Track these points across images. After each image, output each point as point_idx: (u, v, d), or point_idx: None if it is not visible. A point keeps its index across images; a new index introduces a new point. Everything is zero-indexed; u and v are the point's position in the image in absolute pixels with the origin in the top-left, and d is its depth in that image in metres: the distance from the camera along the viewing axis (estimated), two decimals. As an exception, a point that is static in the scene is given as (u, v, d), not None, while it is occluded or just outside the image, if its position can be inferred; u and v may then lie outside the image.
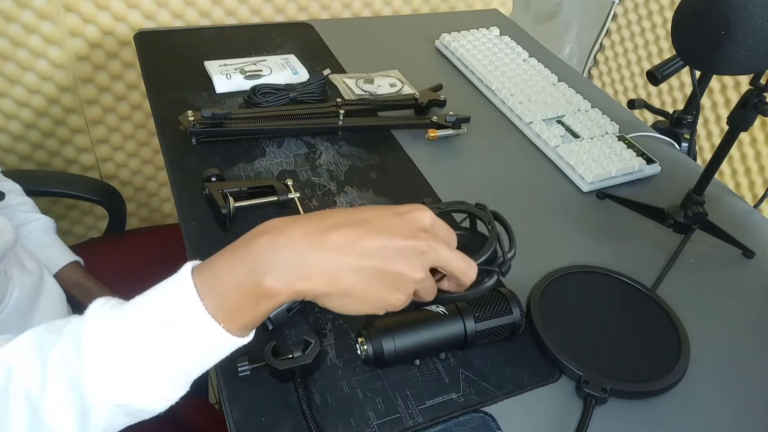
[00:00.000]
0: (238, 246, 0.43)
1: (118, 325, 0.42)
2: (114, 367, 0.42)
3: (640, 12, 1.90)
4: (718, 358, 0.66)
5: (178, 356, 0.43)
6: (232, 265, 0.42)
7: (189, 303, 0.41)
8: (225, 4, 1.32)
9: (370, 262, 0.42)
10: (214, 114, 0.84)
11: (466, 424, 0.57)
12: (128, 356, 0.42)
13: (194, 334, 0.42)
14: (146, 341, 0.42)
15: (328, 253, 0.42)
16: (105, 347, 0.42)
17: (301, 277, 0.42)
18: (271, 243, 0.42)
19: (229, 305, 0.42)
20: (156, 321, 0.42)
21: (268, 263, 0.41)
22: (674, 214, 0.78)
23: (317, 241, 0.42)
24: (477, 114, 0.99)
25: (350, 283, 0.43)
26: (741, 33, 0.57)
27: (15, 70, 1.23)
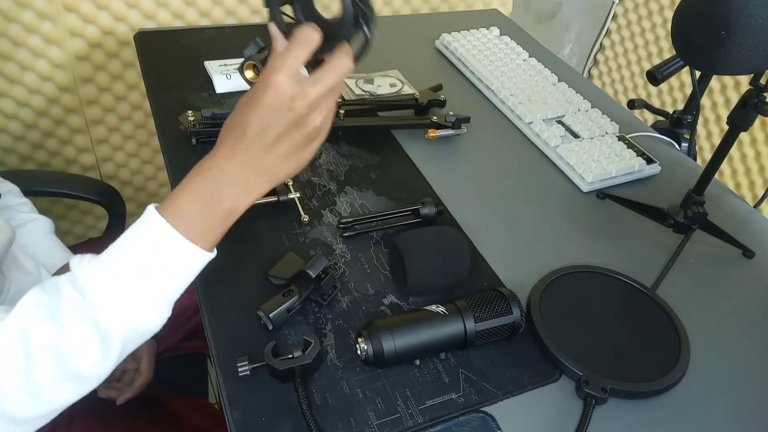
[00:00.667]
0: (189, 184, 0.52)
1: (110, 267, 0.50)
2: (120, 298, 0.49)
3: (640, 12, 1.90)
4: (718, 358, 0.66)
5: (166, 279, 0.51)
6: (191, 199, 0.51)
7: (167, 235, 0.50)
8: (225, 4, 1.32)
9: (283, 150, 0.51)
10: (214, 114, 0.84)
11: (466, 424, 0.57)
12: (127, 288, 0.50)
13: (177, 258, 0.51)
14: (139, 272, 0.50)
15: (252, 165, 0.51)
16: (107, 284, 0.49)
17: (252, 191, 0.52)
18: (213, 177, 0.51)
19: (200, 228, 0.51)
20: (143, 255, 0.50)
21: (222, 193, 0.51)
22: (674, 214, 0.78)
23: (237, 161, 0.51)
24: (477, 114, 0.99)
25: (285, 171, 0.53)
26: (741, 33, 0.57)
27: (15, 70, 1.23)
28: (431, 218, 0.77)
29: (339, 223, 0.75)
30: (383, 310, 0.67)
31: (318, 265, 0.64)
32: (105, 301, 0.49)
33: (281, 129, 0.50)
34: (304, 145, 0.52)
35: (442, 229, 0.71)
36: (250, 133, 0.50)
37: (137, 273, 0.50)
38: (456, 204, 0.82)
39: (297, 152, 0.52)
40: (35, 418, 0.50)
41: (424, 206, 0.76)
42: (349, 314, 0.66)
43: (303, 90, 0.49)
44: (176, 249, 0.51)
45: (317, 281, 0.64)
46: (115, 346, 0.51)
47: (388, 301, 0.68)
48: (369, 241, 0.76)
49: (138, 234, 0.51)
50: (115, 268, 0.50)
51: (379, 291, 0.69)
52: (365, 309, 0.67)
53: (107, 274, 0.50)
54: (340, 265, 0.72)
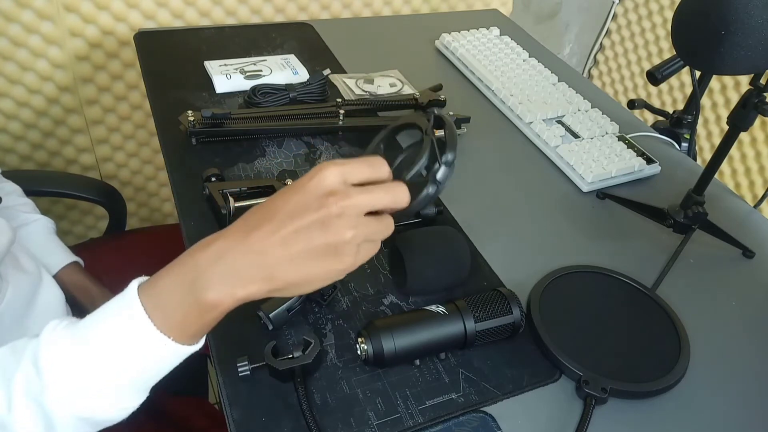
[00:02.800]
0: (179, 263, 0.45)
1: (74, 346, 0.45)
2: (73, 384, 0.45)
3: (640, 12, 1.90)
4: (718, 358, 0.66)
5: (132, 369, 0.46)
6: (174, 283, 0.44)
7: (138, 321, 0.44)
8: (225, 4, 1.32)
9: (294, 248, 0.43)
10: (214, 114, 0.84)
11: (466, 424, 0.57)
12: (85, 373, 0.45)
13: (146, 349, 0.45)
14: (101, 358, 0.45)
15: (255, 256, 0.43)
16: (62, 366, 0.44)
17: (239, 285, 0.44)
18: (205, 258, 0.44)
19: (175, 320, 0.44)
20: (109, 339, 0.45)
21: (206, 278, 0.43)
22: (674, 214, 0.78)
23: (242, 247, 0.43)
24: (477, 114, 0.99)
25: (287, 275, 0.44)
26: (741, 33, 0.57)
27: (15, 70, 1.23)
28: (431, 218, 0.77)
29: (339, 223, 0.75)
30: (383, 310, 0.67)
31: (318, 265, 0.64)
32: (56, 385, 0.44)
33: (302, 222, 0.43)
34: (321, 255, 0.43)
35: (442, 229, 0.71)
36: (271, 218, 0.44)
37: (100, 357, 0.44)
38: (456, 204, 0.82)
39: (308, 259, 0.43)
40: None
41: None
42: (349, 314, 0.66)
43: (346, 189, 0.43)
44: (146, 339, 0.44)
45: (317, 281, 0.64)
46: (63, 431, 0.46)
47: (388, 301, 0.68)
48: (369, 241, 0.75)
49: (111, 313, 0.46)
50: (79, 347, 0.45)
51: (379, 291, 0.69)
52: (365, 309, 0.67)
53: (68, 353, 0.45)
54: (340, 265, 0.72)
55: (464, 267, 0.68)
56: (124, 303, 0.45)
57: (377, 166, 0.46)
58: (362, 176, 0.45)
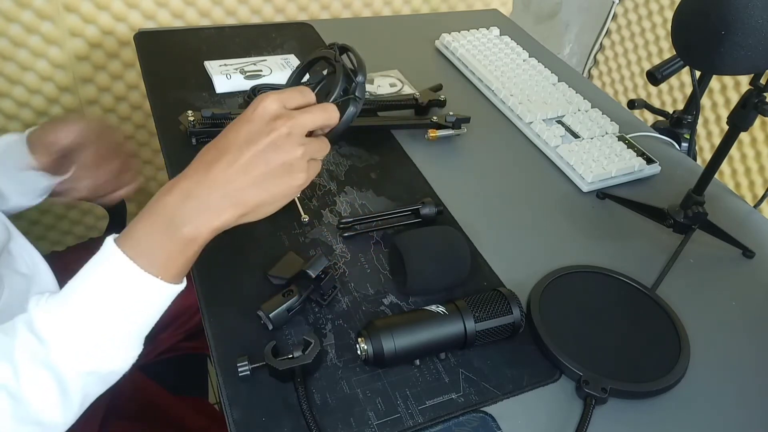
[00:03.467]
0: (149, 210, 0.49)
1: (67, 308, 0.47)
2: (76, 341, 0.47)
3: (640, 12, 1.90)
4: (718, 358, 0.66)
5: (128, 316, 0.48)
6: (150, 228, 0.48)
7: (125, 270, 0.47)
8: (225, 4, 1.32)
9: (255, 172, 0.48)
10: (214, 114, 0.84)
11: (466, 424, 0.57)
12: (85, 329, 0.47)
13: (138, 294, 0.48)
14: (95, 312, 0.47)
15: (221, 186, 0.48)
16: (60, 326, 0.47)
17: (213, 216, 0.48)
18: (175, 199, 0.48)
19: (160, 260, 0.48)
20: (99, 292, 0.47)
21: (180, 216, 0.47)
22: (674, 214, 0.78)
23: (207, 181, 0.48)
24: (477, 114, 0.99)
25: (253, 198, 0.48)
26: (741, 33, 0.57)
27: (15, 70, 1.23)
28: (431, 218, 0.77)
29: (339, 223, 0.75)
30: (383, 310, 0.67)
31: (318, 265, 0.64)
32: (59, 345, 0.46)
33: (258, 147, 0.48)
34: (278, 174, 0.48)
35: (442, 229, 0.71)
36: (227, 150, 0.48)
37: (94, 312, 0.47)
38: (456, 204, 0.82)
39: (269, 180, 0.48)
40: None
41: (424, 206, 0.76)
42: (349, 314, 0.66)
43: (288, 112, 0.49)
44: (135, 283, 0.47)
45: (317, 281, 0.64)
46: (75, 391, 0.48)
47: (388, 301, 0.68)
48: (369, 241, 0.76)
49: (95, 269, 0.48)
50: (71, 308, 0.47)
51: (379, 291, 0.69)
52: (365, 309, 0.67)
53: (62, 315, 0.47)
54: (340, 265, 0.72)
55: (464, 267, 0.68)
56: (105, 256, 0.48)
57: (306, 93, 0.52)
58: (297, 101, 0.51)
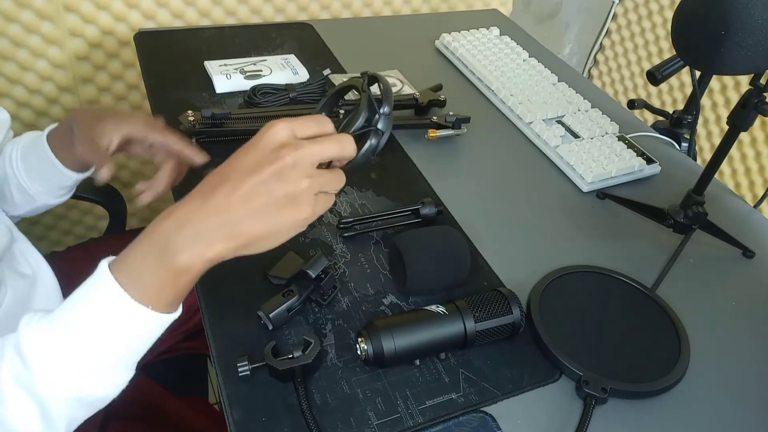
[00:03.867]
0: (145, 235, 0.46)
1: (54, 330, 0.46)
2: (59, 366, 0.45)
3: (640, 12, 1.90)
4: (718, 358, 0.66)
5: (117, 345, 0.47)
6: (143, 254, 0.46)
7: (115, 297, 0.45)
8: (225, 4, 1.32)
9: (255, 203, 0.45)
10: (214, 114, 0.84)
11: (466, 424, 0.57)
12: (69, 354, 0.46)
13: (127, 323, 0.46)
14: (83, 338, 0.46)
15: (217, 215, 0.45)
16: (46, 350, 0.45)
17: (206, 246, 0.45)
18: (171, 225, 0.45)
19: (152, 289, 0.45)
20: (88, 318, 0.46)
21: (174, 244, 0.45)
22: (674, 214, 0.78)
23: (205, 209, 0.45)
24: (477, 114, 0.99)
25: (251, 230, 0.45)
26: (741, 33, 0.57)
27: (15, 70, 1.23)
28: (431, 218, 0.77)
29: (339, 223, 0.75)
30: (383, 310, 0.67)
31: (318, 265, 0.64)
32: (44, 369, 0.45)
33: (261, 177, 0.44)
34: (281, 206, 0.45)
35: (442, 229, 0.71)
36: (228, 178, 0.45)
37: (82, 338, 0.45)
38: (456, 204, 0.82)
39: (270, 212, 0.45)
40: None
41: (424, 206, 0.76)
42: (349, 314, 0.66)
43: (296, 141, 0.46)
44: (125, 312, 0.45)
45: (317, 281, 0.64)
46: (59, 416, 0.47)
47: (388, 301, 0.68)
48: (369, 241, 0.76)
49: (86, 295, 0.47)
50: (59, 332, 0.46)
51: (379, 291, 0.69)
52: (365, 309, 0.67)
53: (49, 339, 0.45)
54: (340, 265, 0.72)
55: (464, 267, 0.68)
56: (98, 281, 0.46)
57: (322, 122, 0.49)
58: (309, 131, 0.48)
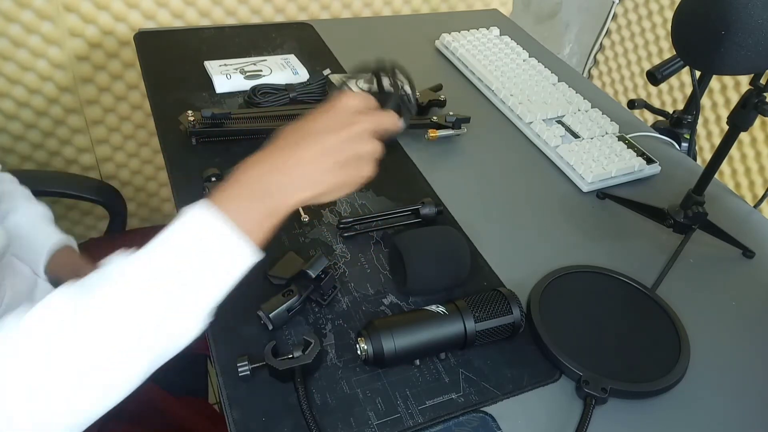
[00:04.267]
0: (235, 182, 0.51)
1: (153, 262, 0.47)
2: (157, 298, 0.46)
3: (640, 12, 1.90)
4: (718, 358, 0.66)
5: (210, 275, 0.48)
6: (240, 195, 0.50)
7: (218, 226, 0.48)
8: (225, 4, 1.32)
9: (335, 158, 0.52)
10: (214, 114, 0.84)
11: (466, 424, 0.57)
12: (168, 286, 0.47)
13: (226, 252, 0.48)
14: (181, 265, 0.47)
15: (305, 166, 0.51)
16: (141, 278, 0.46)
17: (295, 191, 0.51)
18: (263, 171, 0.51)
19: (250, 223, 0.49)
20: (190, 248, 0.48)
21: (267, 186, 0.50)
22: (674, 214, 0.78)
23: (293, 159, 0.51)
24: (477, 114, 0.99)
25: (330, 180, 0.52)
26: (741, 33, 0.57)
27: (15, 70, 1.23)
28: (431, 218, 0.77)
29: (339, 223, 0.75)
30: (383, 310, 0.67)
31: (318, 265, 0.64)
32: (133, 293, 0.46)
33: (340, 136, 0.52)
34: (351, 164, 0.53)
35: (442, 229, 0.71)
36: (311, 134, 0.52)
37: (178, 264, 0.47)
38: (456, 204, 0.82)
39: (345, 166, 0.52)
40: None
41: (424, 206, 0.76)
42: (349, 314, 0.66)
43: (366, 110, 0.55)
44: (225, 239, 0.48)
45: (317, 281, 0.64)
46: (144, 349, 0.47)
47: (388, 301, 0.68)
48: (369, 241, 0.76)
49: (186, 223, 0.48)
50: (159, 263, 0.47)
51: (379, 291, 0.69)
52: (365, 309, 0.67)
53: (144, 265, 0.47)
54: (340, 265, 0.72)
55: (464, 267, 0.68)
56: (200, 215, 0.48)
57: (371, 99, 0.57)
58: (370, 105, 0.56)
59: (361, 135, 0.53)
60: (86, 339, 0.45)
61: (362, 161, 0.53)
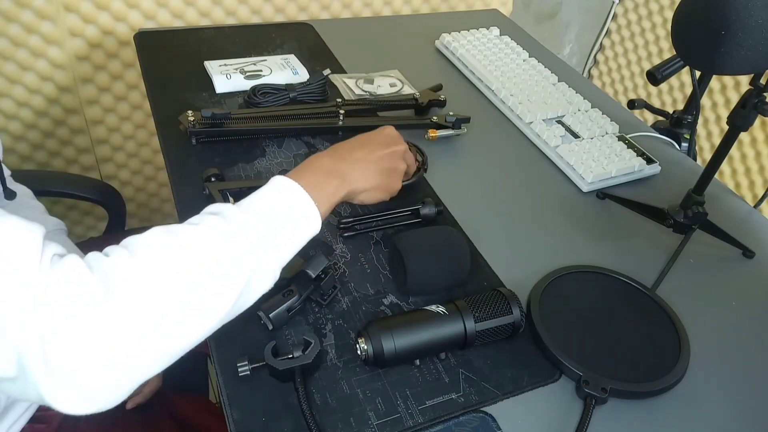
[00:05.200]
0: (311, 165, 0.62)
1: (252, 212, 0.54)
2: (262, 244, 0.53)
3: (640, 12, 1.90)
4: (718, 358, 0.66)
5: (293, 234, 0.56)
6: (314, 173, 0.60)
7: (301, 197, 0.57)
8: (225, 4, 1.32)
9: (381, 166, 0.66)
10: (214, 114, 0.84)
11: (466, 424, 0.57)
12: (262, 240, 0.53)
13: (301, 218, 0.57)
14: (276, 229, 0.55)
15: (362, 164, 0.65)
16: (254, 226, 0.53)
17: (354, 180, 0.63)
18: (330, 161, 0.63)
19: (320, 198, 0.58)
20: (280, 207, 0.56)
21: (336, 170, 0.62)
22: (674, 214, 0.78)
23: (352, 157, 0.65)
24: (477, 114, 0.99)
25: (375, 180, 0.66)
26: (741, 33, 0.57)
27: (15, 70, 1.23)
28: (431, 218, 0.77)
29: (339, 223, 0.75)
30: (383, 310, 0.67)
31: (318, 265, 0.64)
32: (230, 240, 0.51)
33: (387, 151, 0.67)
34: (389, 174, 0.67)
35: (442, 229, 0.71)
36: (366, 145, 0.67)
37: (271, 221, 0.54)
38: (456, 204, 0.82)
39: (384, 175, 0.67)
40: None
41: (424, 206, 0.76)
42: (349, 314, 0.66)
43: (402, 141, 0.71)
44: (301, 204, 0.57)
45: (317, 281, 0.64)
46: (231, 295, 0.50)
47: (388, 301, 0.68)
48: (369, 241, 0.76)
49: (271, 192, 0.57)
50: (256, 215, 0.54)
51: (379, 291, 0.69)
52: (365, 309, 0.67)
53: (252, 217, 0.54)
54: (340, 265, 0.72)
55: (464, 267, 0.68)
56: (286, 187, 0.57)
57: None
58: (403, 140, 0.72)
59: (401, 155, 0.69)
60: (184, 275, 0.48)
61: (397, 174, 0.69)
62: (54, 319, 0.41)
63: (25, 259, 0.42)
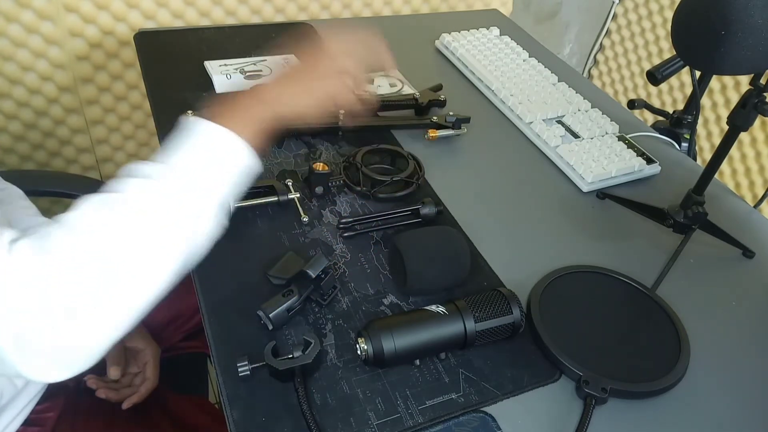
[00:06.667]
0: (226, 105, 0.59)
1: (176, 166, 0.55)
2: None
3: (640, 12, 1.90)
4: (718, 358, 0.66)
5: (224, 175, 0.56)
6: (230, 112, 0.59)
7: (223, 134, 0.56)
8: (225, 4, 1.32)
9: (304, 73, 0.66)
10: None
11: (466, 424, 0.57)
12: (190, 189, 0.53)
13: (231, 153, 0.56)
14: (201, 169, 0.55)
15: (279, 82, 0.65)
16: None
17: (272, 98, 0.62)
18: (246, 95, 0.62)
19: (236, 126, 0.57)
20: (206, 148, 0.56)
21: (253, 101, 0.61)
22: (674, 214, 0.78)
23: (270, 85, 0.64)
24: (477, 114, 0.99)
25: (300, 86, 0.65)
26: (741, 33, 0.57)
27: (15, 70, 1.23)
28: (431, 218, 0.77)
29: (339, 223, 0.75)
30: (383, 310, 0.67)
31: (318, 265, 0.64)
32: None
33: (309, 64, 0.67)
34: (318, 79, 0.66)
35: (442, 229, 0.71)
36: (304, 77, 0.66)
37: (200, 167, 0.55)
38: (456, 204, 0.82)
39: (306, 83, 0.65)
40: None
41: (424, 206, 0.76)
42: (349, 314, 0.66)
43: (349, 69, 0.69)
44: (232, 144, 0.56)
45: (317, 281, 0.64)
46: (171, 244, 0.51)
47: (388, 301, 0.68)
48: (369, 241, 0.76)
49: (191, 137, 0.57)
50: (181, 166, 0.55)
51: (379, 291, 0.69)
52: (365, 309, 0.67)
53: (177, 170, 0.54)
54: (340, 265, 0.72)
55: (464, 267, 0.68)
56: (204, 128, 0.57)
57: None
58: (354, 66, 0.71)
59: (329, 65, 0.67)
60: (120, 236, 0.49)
61: (329, 77, 0.67)
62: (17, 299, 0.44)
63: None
